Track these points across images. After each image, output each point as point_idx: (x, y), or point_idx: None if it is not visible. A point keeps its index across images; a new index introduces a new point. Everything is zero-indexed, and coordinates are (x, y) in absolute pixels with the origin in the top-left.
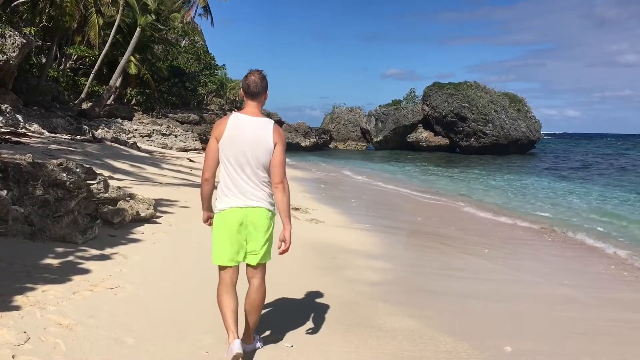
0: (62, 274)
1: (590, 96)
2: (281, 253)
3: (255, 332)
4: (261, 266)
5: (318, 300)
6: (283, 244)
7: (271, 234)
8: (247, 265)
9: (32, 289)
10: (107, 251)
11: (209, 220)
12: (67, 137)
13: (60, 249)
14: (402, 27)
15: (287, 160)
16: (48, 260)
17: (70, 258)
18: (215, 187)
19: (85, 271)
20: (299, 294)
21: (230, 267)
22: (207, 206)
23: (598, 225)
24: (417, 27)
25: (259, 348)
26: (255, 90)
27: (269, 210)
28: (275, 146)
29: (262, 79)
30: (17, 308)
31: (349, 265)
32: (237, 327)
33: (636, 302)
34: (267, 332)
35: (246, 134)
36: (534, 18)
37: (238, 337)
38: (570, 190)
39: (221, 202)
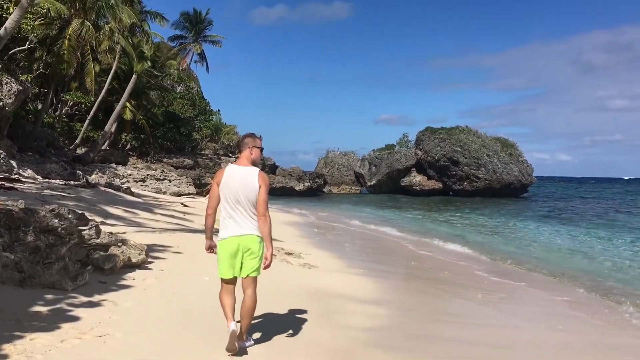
0: (51, 322)
1: (582, 140)
2: (264, 268)
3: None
4: (253, 279)
5: (312, 346)
6: (266, 260)
7: (262, 255)
8: (243, 278)
9: (20, 337)
10: (97, 298)
11: (210, 248)
12: (60, 183)
13: (49, 296)
14: (393, 73)
15: (281, 205)
16: (37, 308)
17: (60, 305)
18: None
19: (75, 318)
20: (292, 340)
21: (229, 279)
22: (210, 235)
23: (590, 270)
24: (408, 73)
25: (250, 345)
26: (238, 144)
27: (259, 236)
28: (260, 187)
29: (246, 137)
30: (5, 357)
31: (343, 310)
32: (233, 315)
33: (629, 346)
34: None
35: (237, 180)
36: (523, 64)
37: (234, 320)
38: (562, 235)
39: (223, 232)
